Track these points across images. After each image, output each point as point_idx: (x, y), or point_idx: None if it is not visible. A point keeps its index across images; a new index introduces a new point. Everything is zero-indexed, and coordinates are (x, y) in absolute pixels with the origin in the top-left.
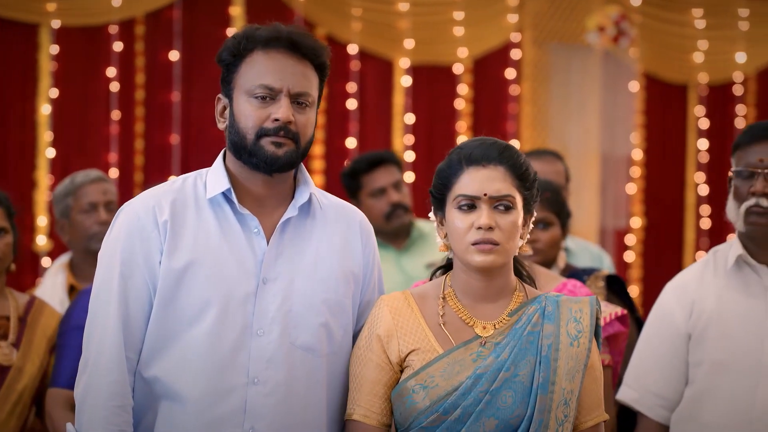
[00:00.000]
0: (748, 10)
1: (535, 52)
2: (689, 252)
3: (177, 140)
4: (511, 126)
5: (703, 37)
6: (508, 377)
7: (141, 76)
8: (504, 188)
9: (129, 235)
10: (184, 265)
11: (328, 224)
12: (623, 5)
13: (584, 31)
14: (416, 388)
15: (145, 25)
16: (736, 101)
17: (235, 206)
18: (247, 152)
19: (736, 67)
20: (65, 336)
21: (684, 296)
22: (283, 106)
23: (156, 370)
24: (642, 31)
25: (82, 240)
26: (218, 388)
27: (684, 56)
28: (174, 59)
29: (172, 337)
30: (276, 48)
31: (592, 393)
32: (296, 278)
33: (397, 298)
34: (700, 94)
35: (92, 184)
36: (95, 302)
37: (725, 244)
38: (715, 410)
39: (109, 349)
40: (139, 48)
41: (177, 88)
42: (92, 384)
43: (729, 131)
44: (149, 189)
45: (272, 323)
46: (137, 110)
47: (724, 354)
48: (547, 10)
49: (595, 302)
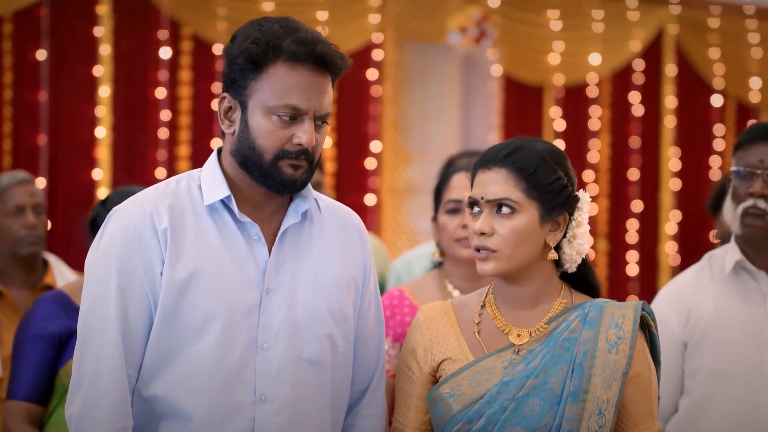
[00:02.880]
0: (602, 11)
1: (397, 53)
2: None
3: (45, 141)
4: (372, 127)
5: (559, 38)
6: (536, 384)
7: (8, 75)
8: (502, 191)
9: (126, 243)
10: (186, 276)
11: (327, 229)
12: (483, 6)
13: (445, 32)
14: (445, 396)
15: (12, 23)
16: (590, 102)
17: (234, 213)
18: (261, 171)
19: (591, 69)
20: (22, 345)
21: (679, 303)
22: (308, 131)
23: (157, 389)
24: (500, 33)
25: (9, 244)
26: (225, 406)
27: (540, 57)
28: (42, 58)
29: (175, 352)
30: (304, 64)
31: (639, 404)
32: (299, 288)
33: (435, 308)
34: (555, 96)
35: (18, 186)
36: (89, 316)
37: (721, 248)
38: (714, 420)
39: (109, 367)
40: (6, 47)
41: (45, 87)
42: (90, 405)
43: (584, 132)
44: (140, 192)
45: (277, 336)
46: (5, 110)
47: (724, 362)
48: (408, 11)
49: (642, 307)
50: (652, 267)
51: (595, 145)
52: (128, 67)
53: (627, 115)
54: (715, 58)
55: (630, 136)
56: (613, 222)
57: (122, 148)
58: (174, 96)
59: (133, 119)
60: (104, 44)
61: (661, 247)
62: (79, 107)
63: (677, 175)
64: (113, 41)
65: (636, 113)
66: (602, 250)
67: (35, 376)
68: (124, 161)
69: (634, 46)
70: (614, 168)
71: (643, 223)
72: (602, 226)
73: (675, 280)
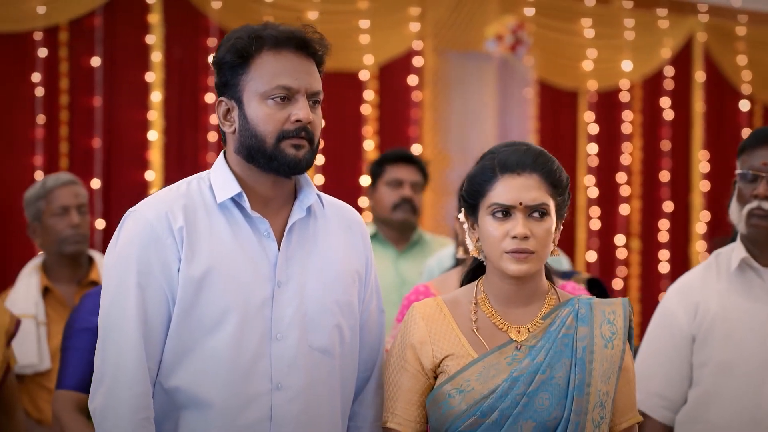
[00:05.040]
0: (633, 20)
1: (436, 60)
2: (581, 251)
3: (99, 144)
4: (413, 131)
5: (592, 45)
6: (544, 379)
7: (65, 81)
8: (539, 196)
9: (143, 244)
10: (202, 273)
11: (331, 224)
12: (518, 15)
13: (482, 40)
14: (452, 393)
15: (68, 32)
16: (622, 107)
17: (245, 210)
18: (266, 156)
19: (623, 75)
20: (72, 338)
21: (687, 298)
22: (304, 107)
23: (178, 380)
24: (536, 40)
25: (55, 243)
26: (243, 395)
27: (574, 64)
28: (96, 65)
29: (193, 345)
30: (287, 47)
31: (625, 395)
32: (308, 280)
33: (429, 305)
34: (589, 101)
35: (64, 187)
36: (110, 313)
37: (727, 247)
38: (721, 411)
39: (130, 362)
40: (62, 54)
41: (99, 93)
42: (113, 398)
43: (616, 136)
44: (154, 194)
45: (290, 327)
46: (61, 114)
47: (729, 355)
48: (446, 20)
49: (628, 304)
50: (682, 265)
51: (628, 148)
52: (178, 73)
53: (658, 119)
54: (743, 64)
55: (661, 139)
56: (645, 222)
57: (173, 150)
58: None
59: (183, 123)
60: (156, 51)
61: (691, 246)
62: (132, 112)
63: (706, 177)
64: (164, 48)
65: (667, 117)
66: (635, 248)
67: (83, 366)
68: (175, 163)
69: (665, 53)
70: (646, 170)
71: (674, 223)
72: (635, 226)
73: (684, 277)
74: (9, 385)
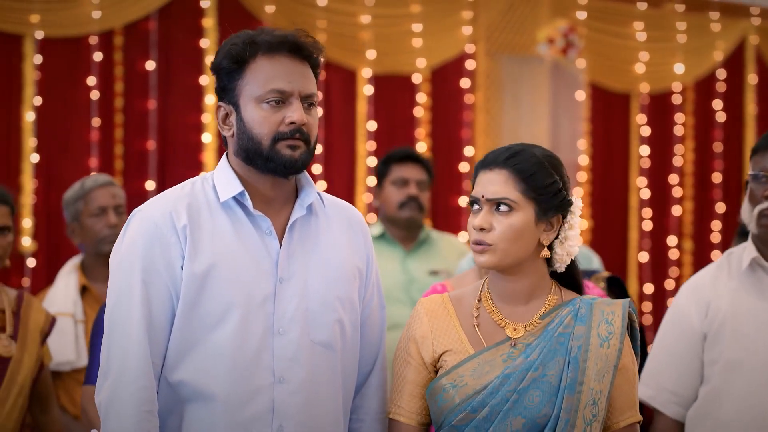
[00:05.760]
0: (685, 23)
1: (488, 63)
2: (633, 252)
3: (153, 146)
4: (466, 133)
5: (644, 48)
6: (536, 377)
7: (120, 84)
8: (501, 191)
9: (148, 242)
10: (205, 269)
11: (332, 222)
12: (570, 18)
13: (534, 43)
14: (447, 387)
15: (123, 36)
16: (675, 110)
17: (247, 208)
18: (263, 158)
19: (675, 78)
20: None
21: (699, 297)
22: (298, 110)
23: (182, 374)
24: (587, 43)
25: (93, 243)
26: (246, 388)
27: (627, 67)
28: (150, 69)
29: (197, 340)
30: (280, 52)
31: (624, 394)
32: (310, 277)
33: (434, 301)
34: (641, 103)
35: (101, 188)
36: (115, 310)
37: (739, 246)
38: (730, 407)
39: (134, 356)
40: (117, 58)
41: (153, 96)
42: (118, 391)
43: (669, 138)
44: (159, 195)
45: (291, 322)
46: (116, 117)
47: (739, 353)
48: (499, 23)
49: (628, 305)
50: None
51: (680, 150)
52: None
53: (710, 121)
54: None
55: (713, 141)
56: (698, 223)
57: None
58: None
59: None
60: (209, 55)
61: None
62: (186, 114)
63: None
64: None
65: (719, 119)
66: (688, 249)
67: None
68: None
69: (717, 55)
70: (698, 172)
71: (726, 224)
72: (687, 227)
73: (696, 276)
74: (43, 382)
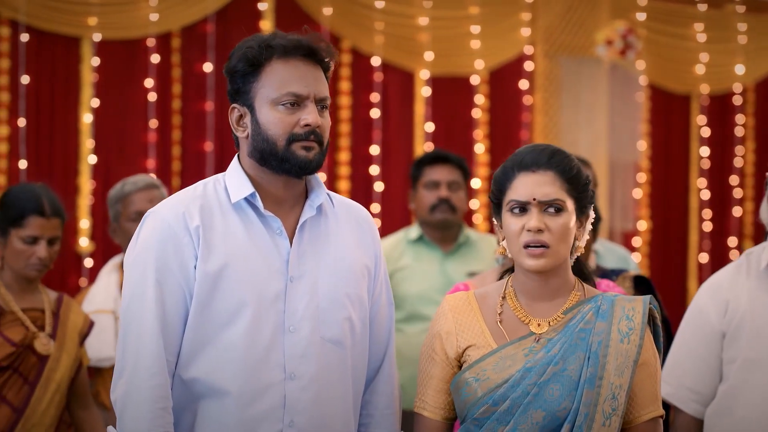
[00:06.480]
0: (746, 24)
1: (547, 64)
2: (693, 253)
3: (211, 147)
4: (524, 134)
5: (704, 50)
6: (556, 371)
7: (177, 86)
8: (552, 192)
9: (161, 243)
10: (218, 269)
11: (341, 222)
12: (629, 20)
13: (593, 45)
14: (470, 381)
15: (180, 38)
16: (735, 111)
17: (258, 209)
18: (278, 158)
19: (736, 79)
20: None
21: (718, 296)
22: (312, 112)
23: (195, 371)
24: (647, 45)
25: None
26: (257, 384)
27: (686, 68)
28: (208, 71)
29: (210, 338)
30: (295, 56)
31: (646, 389)
32: (320, 275)
33: (459, 298)
34: (701, 104)
35: (139, 192)
36: (129, 309)
37: (758, 246)
38: (748, 405)
39: (149, 354)
40: (175, 60)
41: (211, 98)
42: (133, 389)
43: (729, 139)
44: (171, 196)
45: (302, 320)
46: (174, 119)
47: (757, 352)
48: (557, 25)
49: (649, 301)
50: None
51: (740, 151)
52: None
53: None
54: None
55: None
56: (758, 224)
57: None
58: (334, 105)
59: None
60: None
61: None
62: None
63: None
64: None
65: None
66: None
67: None
68: None
69: None
70: (759, 173)
71: None
72: (747, 228)
73: (715, 275)
74: (81, 382)
